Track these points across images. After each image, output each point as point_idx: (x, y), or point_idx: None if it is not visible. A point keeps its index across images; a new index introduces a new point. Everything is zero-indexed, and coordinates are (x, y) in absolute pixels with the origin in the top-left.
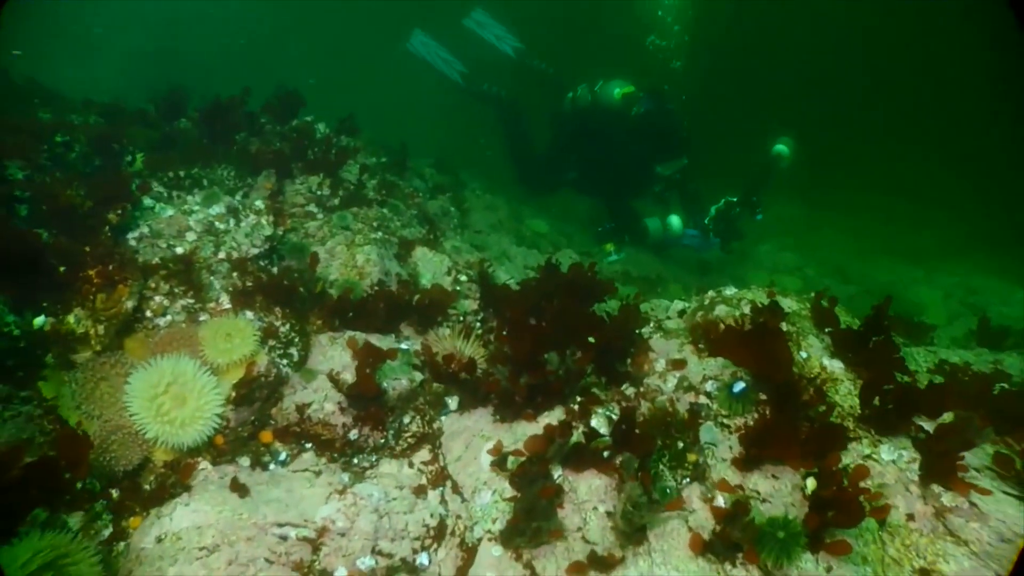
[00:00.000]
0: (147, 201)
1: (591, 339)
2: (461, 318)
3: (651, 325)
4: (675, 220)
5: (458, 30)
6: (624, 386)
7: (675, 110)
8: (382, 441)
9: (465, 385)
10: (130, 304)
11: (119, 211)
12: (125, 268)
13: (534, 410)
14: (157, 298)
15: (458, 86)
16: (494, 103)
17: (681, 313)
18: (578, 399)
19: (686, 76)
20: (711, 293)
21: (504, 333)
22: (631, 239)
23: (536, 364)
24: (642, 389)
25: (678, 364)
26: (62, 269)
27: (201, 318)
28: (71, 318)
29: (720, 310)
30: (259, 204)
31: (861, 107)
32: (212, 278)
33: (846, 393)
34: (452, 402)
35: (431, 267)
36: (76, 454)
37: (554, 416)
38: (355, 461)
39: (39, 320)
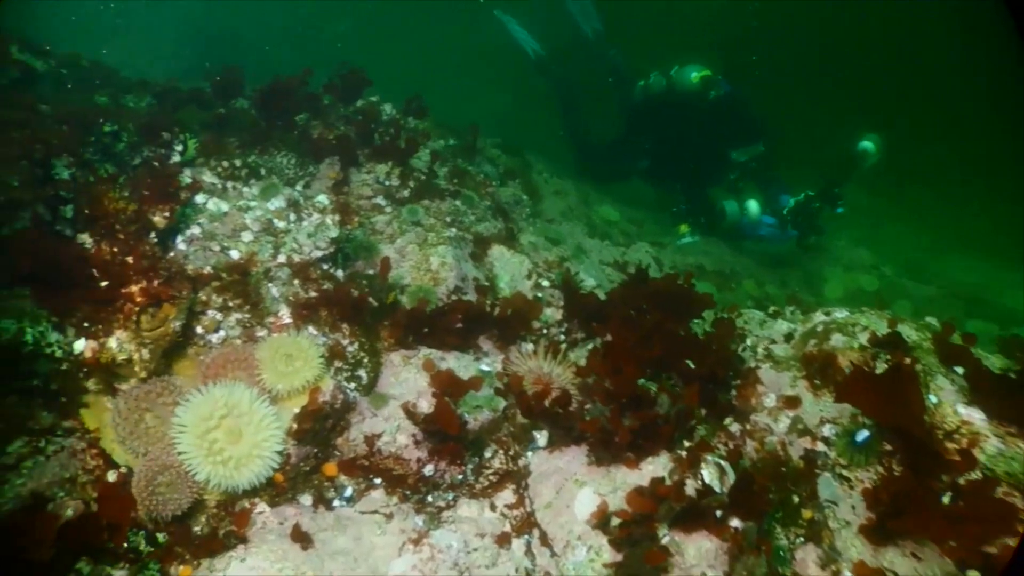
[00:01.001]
0: (199, 196)
1: (690, 363)
2: (544, 330)
3: (748, 343)
4: (753, 205)
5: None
6: (727, 421)
7: (752, 96)
8: (460, 477)
9: (557, 420)
10: (177, 324)
11: (167, 213)
12: (172, 283)
13: (636, 454)
14: (209, 312)
15: (528, 59)
16: (558, 85)
17: (788, 337)
18: (685, 444)
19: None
20: (819, 316)
21: (600, 359)
22: (706, 223)
23: (639, 400)
24: (748, 427)
25: (791, 402)
26: (103, 284)
27: (258, 334)
28: (112, 342)
29: (836, 340)
30: (323, 199)
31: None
32: (271, 286)
33: (994, 453)
34: (540, 437)
35: (510, 269)
36: (117, 514)
37: (659, 463)
38: (429, 499)
39: (79, 344)
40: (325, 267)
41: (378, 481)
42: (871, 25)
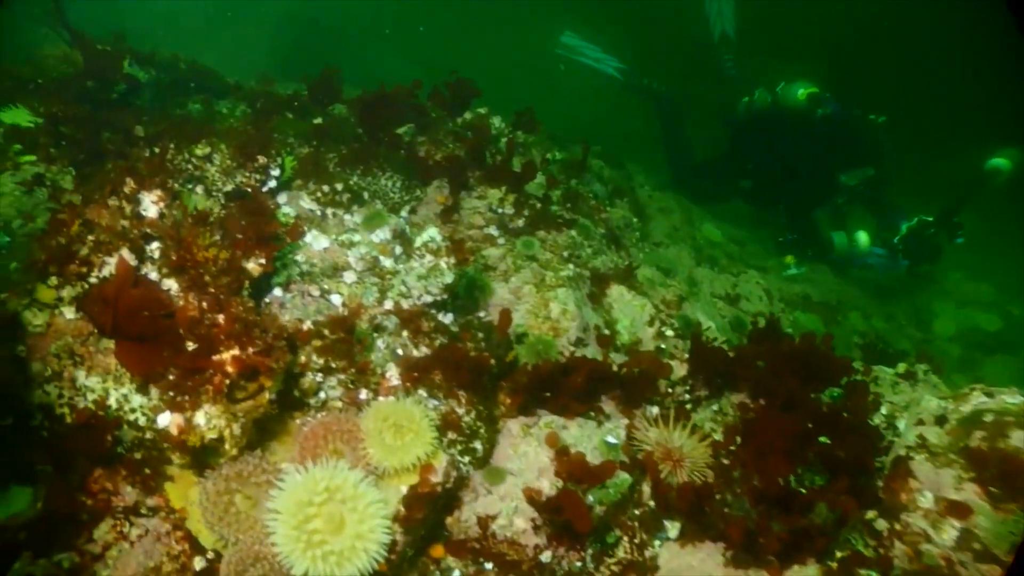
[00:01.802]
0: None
1: (825, 439)
2: (669, 388)
3: (884, 411)
4: (863, 236)
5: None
6: (871, 515)
7: (862, 115)
8: (579, 565)
9: (693, 512)
10: (273, 395)
11: (262, 260)
12: (270, 354)
13: (779, 558)
14: (308, 375)
15: (616, 80)
16: (654, 99)
17: (940, 419)
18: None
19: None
20: (979, 397)
21: (742, 444)
22: (813, 253)
23: (788, 499)
24: (898, 527)
25: (958, 510)
26: (191, 346)
27: (361, 396)
28: (200, 417)
29: (1018, 439)
30: (435, 236)
31: None
32: (375, 336)
33: None
34: (671, 527)
35: (630, 313)
36: None
37: (806, 574)
38: None
39: (163, 418)
40: (434, 312)
41: (489, 566)
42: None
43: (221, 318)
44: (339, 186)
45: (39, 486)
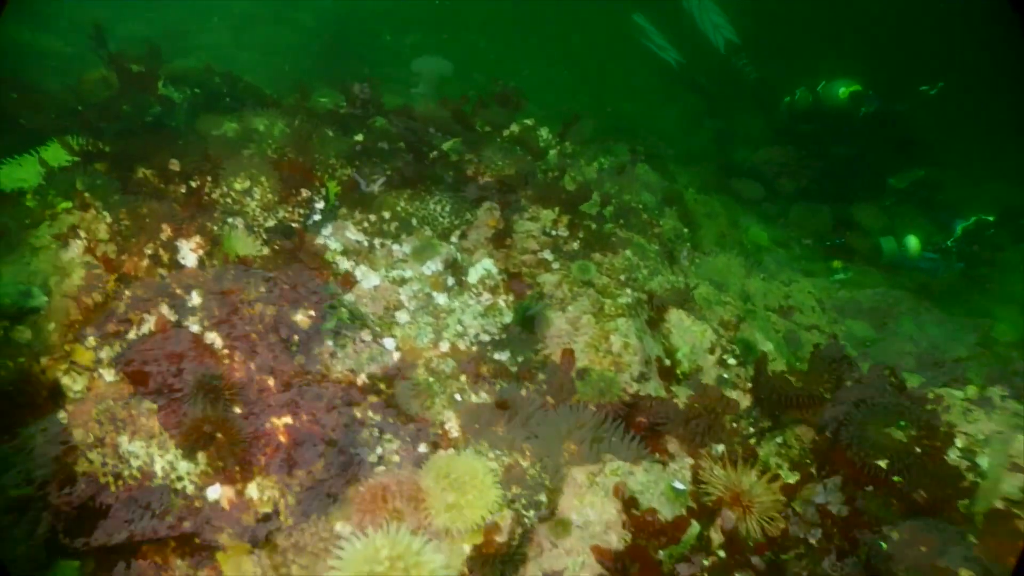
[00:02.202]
0: (344, 263)
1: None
2: (734, 423)
3: (959, 444)
4: (913, 242)
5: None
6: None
7: (907, 111)
8: None
9: (768, 571)
10: (329, 460)
11: (312, 312)
12: (326, 421)
13: None
14: (364, 431)
15: (672, 69)
16: (705, 96)
17: None
18: None
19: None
20: None
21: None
22: (861, 257)
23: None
24: None
25: None
26: (238, 410)
27: (420, 449)
28: (252, 490)
29: None
30: (490, 268)
31: None
32: (432, 381)
33: None
34: None
35: (689, 339)
36: None
37: None
38: None
39: (214, 491)
40: (491, 350)
41: None
42: None
43: (271, 382)
44: (386, 214)
45: (86, 560)
